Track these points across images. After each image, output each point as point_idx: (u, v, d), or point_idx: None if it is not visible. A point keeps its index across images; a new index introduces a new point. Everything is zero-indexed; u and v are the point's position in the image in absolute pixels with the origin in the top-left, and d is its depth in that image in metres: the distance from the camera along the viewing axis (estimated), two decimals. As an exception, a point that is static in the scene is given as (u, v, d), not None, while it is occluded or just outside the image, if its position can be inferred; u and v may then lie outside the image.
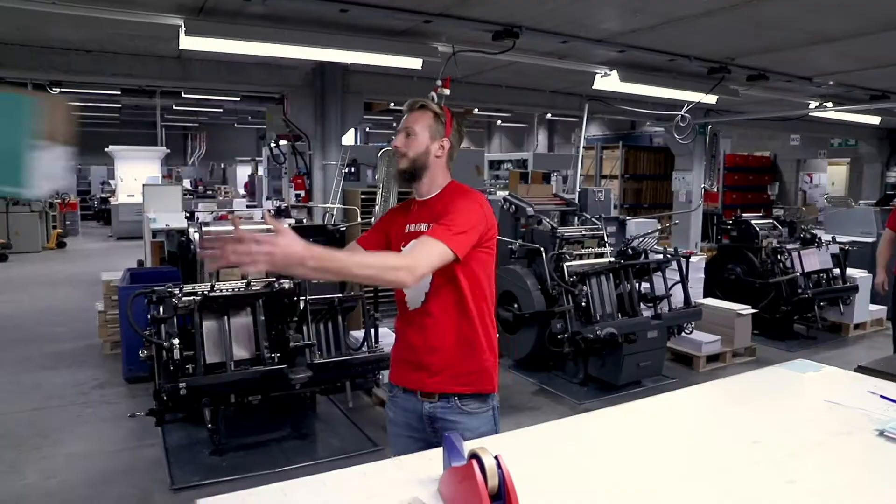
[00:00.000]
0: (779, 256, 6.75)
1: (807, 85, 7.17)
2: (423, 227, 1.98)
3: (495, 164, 16.40)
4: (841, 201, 10.78)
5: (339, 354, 4.30)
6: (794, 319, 6.97)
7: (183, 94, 10.85)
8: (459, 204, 1.94)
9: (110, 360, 5.77)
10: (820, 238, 7.08)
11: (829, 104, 7.97)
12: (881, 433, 1.62)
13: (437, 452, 1.42)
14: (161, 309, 3.73)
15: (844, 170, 15.25)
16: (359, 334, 4.54)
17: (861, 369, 2.27)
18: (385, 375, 4.39)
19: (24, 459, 3.88)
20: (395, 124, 18.63)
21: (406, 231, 2.05)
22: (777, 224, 7.31)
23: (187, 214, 4.81)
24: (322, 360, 4.02)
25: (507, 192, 8.74)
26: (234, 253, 1.45)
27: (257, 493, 1.34)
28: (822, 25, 4.95)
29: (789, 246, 6.85)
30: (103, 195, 19.12)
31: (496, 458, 1.20)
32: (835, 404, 1.85)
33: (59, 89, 8.07)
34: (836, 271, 7.07)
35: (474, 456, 1.20)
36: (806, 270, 6.76)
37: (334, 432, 4.42)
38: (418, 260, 1.79)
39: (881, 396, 1.89)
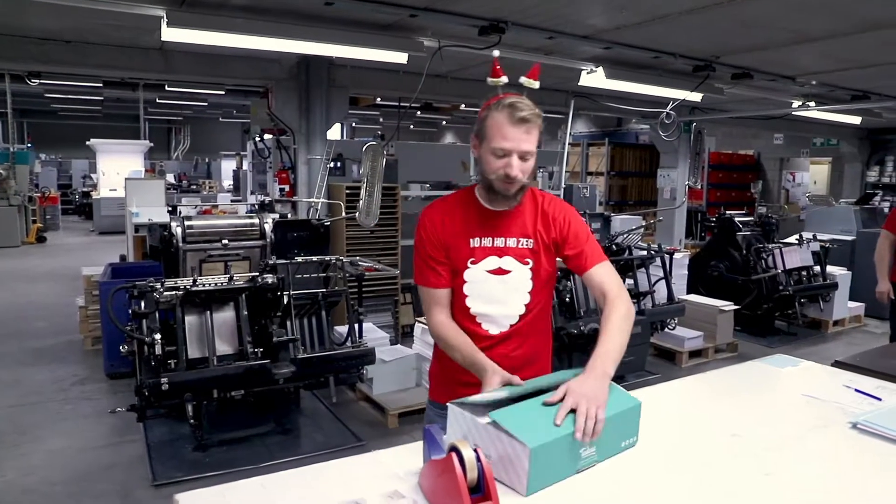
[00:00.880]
0: (761, 254, 6.83)
1: (790, 84, 7.23)
2: (512, 241, 1.82)
3: (481, 160, 16.39)
4: (822, 200, 10.91)
5: (323, 349, 4.28)
6: (776, 316, 7.06)
7: (167, 87, 10.72)
8: (575, 217, 1.87)
9: (91, 355, 5.72)
10: (775, 226, 7.21)
11: (812, 104, 8.05)
12: (854, 426, 1.65)
13: (417, 446, 1.42)
14: (142, 304, 3.69)
15: (826, 169, 15.42)
16: (343, 329, 4.53)
17: (837, 364, 2.31)
18: (370, 371, 4.39)
19: (2, 456, 3.84)
20: (381, 119, 18.57)
21: (478, 245, 1.82)
22: (760, 222, 7.39)
23: (169, 209, 4.76)
24: (306, 356, 4.00)
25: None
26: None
27: (236, 488, 1.34)
28: (805, 25, 4.99)
29: (770, 245, 6.94)
30: (85, 189, 18.88)
31: (476, 450, 1.20)
32: (812, 398, 1.88)
33: (37, 81, 7.96)
34: (817, 269, 7.16)
35: (454, 449, 1.20)
36: (787, 268, 6.85)
37: (318, 427, 4.41)
38: (623, 291, 1.83)
39: (856, 390, 1.92)
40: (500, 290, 1.82)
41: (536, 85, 1.77)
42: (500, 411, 1.36)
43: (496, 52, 1.86)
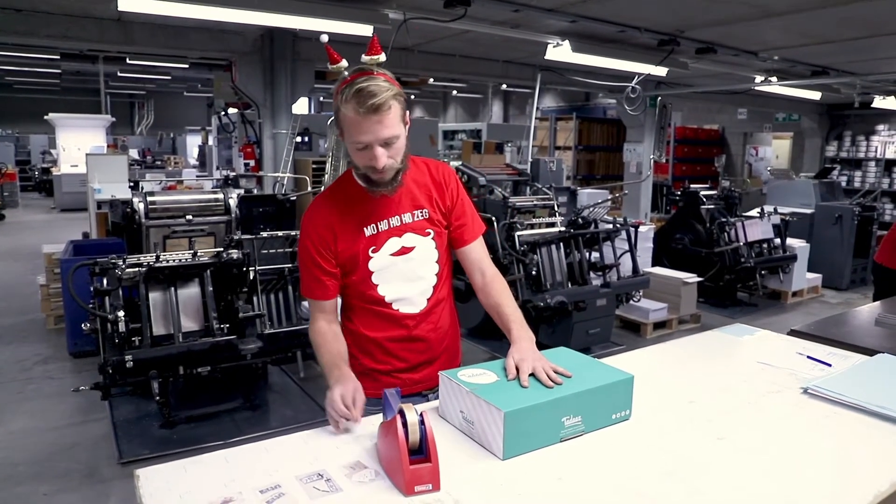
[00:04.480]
0: (724, 227, 6.97)
1: (753, 59, 7.32)
2: (407, 217, 1.75)
3: (449, 135, 16.32)
4: (783, 173, 11.13)
5: (290, 324, 4.28)
6: (738, 287, 7.22)
7: (128, 61, 10.40)
8: (461, 185, 1.86)
9: (54, 334, 5.61)
10: (738, 200, 7.37)
11: (774, 79, 8.16)
12: (805, 391, 1.71)
13: (381, 418, 1.43)
14: (105, 281, 3.64)
15: (788, 143, 15.71)
16: (310, 305, 4.52)
17: (793, 333, 2.38)
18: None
19: (-38, 437, 3.77)
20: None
21: (375, 232, 1.73)
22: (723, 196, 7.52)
23: (131, 184, 4.66)
24: (272, 331, 4.00)
25: (460, 162, 8.74)
26: None
27: (199, 461, 1.35)
28: (767, 0, 5.04)
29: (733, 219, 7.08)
30: (44, 165, 18.31)
31: (421, 414, 1.26)
32: (766, 365, 1.94)
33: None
34: (777, 241, 7.33)
35: (400, 412, 1.26)
36: (749, 240, 7.00)
37: (287, 402, 4.41)
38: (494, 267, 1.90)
39: (808, 357, 1.99)
40: (409, 269, 1.77)
41: (383, 58, 1.64)
42: (478, 384, 1.47)
43: (324, 38, 1.80)
